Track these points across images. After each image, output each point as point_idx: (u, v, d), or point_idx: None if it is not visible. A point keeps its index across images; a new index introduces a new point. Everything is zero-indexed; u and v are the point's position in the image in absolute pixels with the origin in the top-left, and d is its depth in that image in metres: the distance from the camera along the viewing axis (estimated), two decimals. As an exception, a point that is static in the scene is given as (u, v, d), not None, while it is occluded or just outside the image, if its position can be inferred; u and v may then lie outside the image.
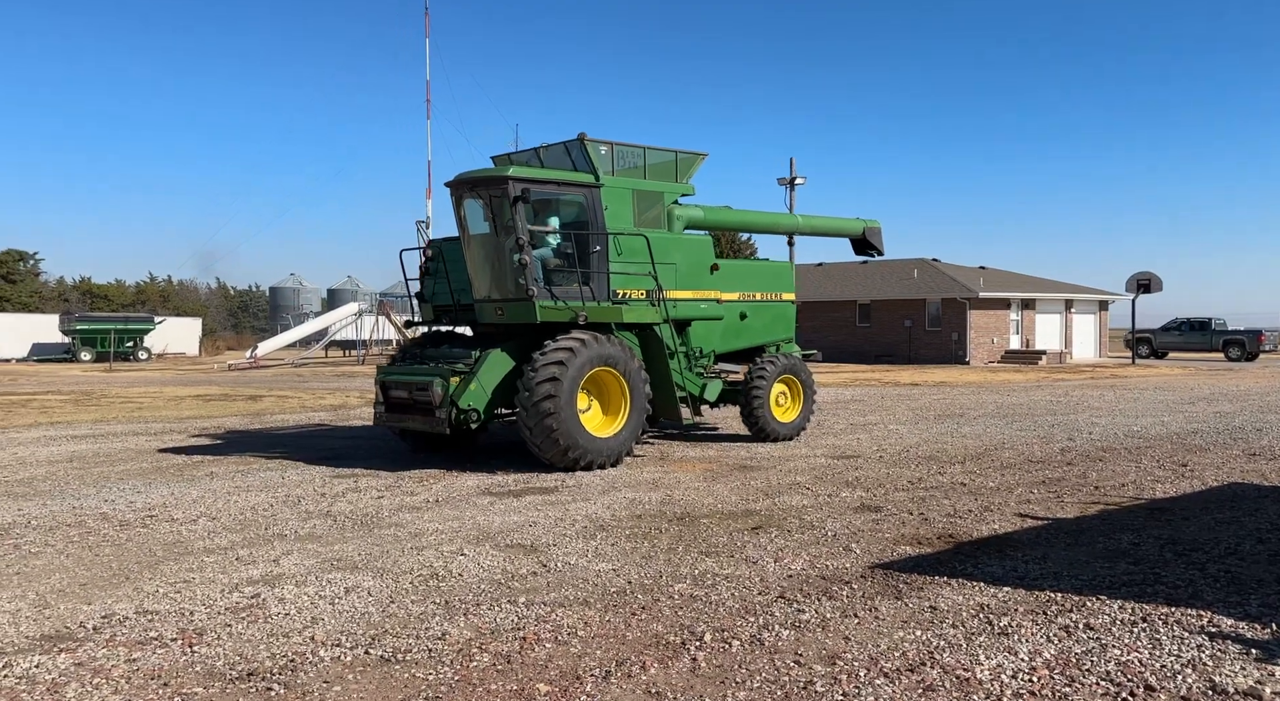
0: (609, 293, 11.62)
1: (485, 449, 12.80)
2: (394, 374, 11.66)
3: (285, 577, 6.35)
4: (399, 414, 11.46)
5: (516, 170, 11.14)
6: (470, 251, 11.87)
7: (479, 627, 5.29)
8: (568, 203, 11.66)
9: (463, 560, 6.75)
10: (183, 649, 4.98)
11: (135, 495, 9.48)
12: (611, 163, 12.14)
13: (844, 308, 45.11)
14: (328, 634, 5.20)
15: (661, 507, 8.66)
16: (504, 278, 11.40)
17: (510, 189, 10.85)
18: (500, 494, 9.46)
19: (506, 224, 11.06)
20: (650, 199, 12.48)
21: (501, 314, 11.51)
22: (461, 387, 10.67)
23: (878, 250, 16.44)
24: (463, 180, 11.52)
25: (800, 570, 6.47)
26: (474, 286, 11.93)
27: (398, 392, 11.41)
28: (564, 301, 11.12)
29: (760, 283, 13.85)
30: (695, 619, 5.41)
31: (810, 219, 15.87)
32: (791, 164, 31.99)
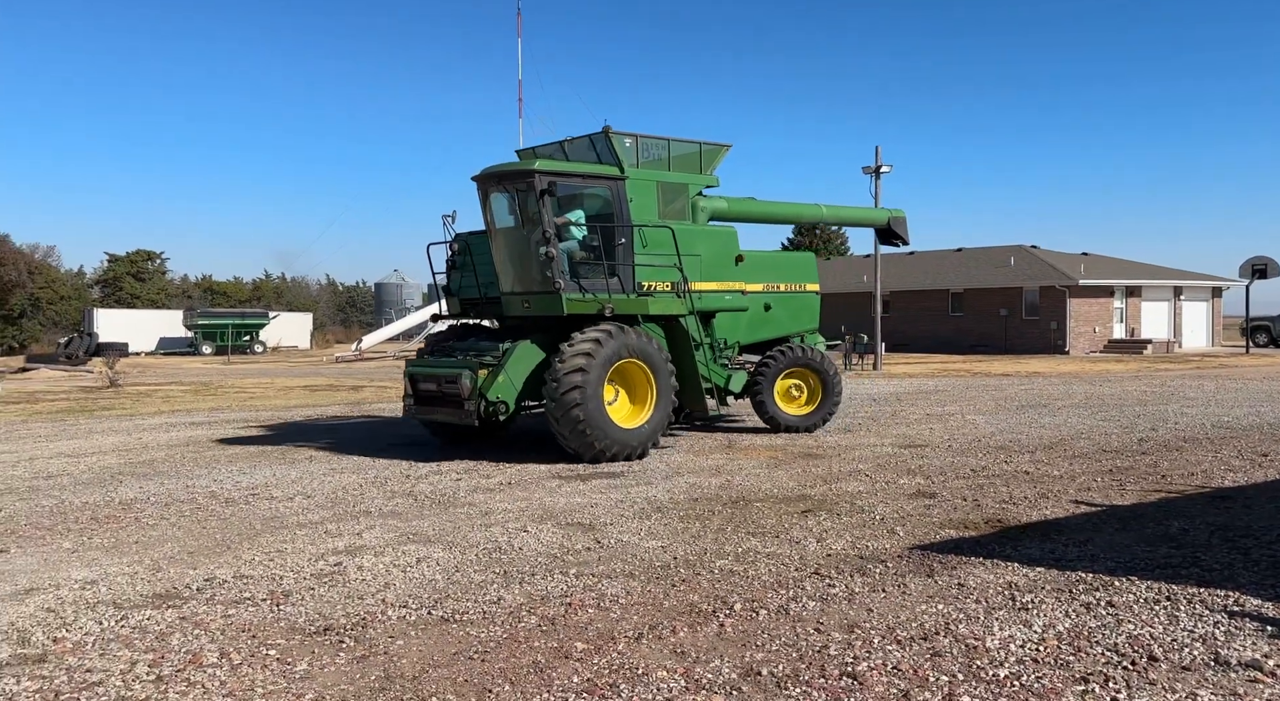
0: (634, 285, 11.68)
1: (515, 439, 13.01)
2: (422, 367, 11.78)
3: (366, 548, 7.01)
4: (428, 406, 11.61)
5: (542, 164, 11.28)
6: (497, 245, 11.94)
7: (531, 594, 5.79)
8: (593, 196, 11.77)
9: (525, 536, 7.29)
10: (271, 607, 5.65)
11: (241, 476, 10.41)
12: (636, 155, 12.14)
13: (935, 297, 44.22)
14: (397, 597, 5.79)
15: (719, 492, 9.03)
16: (530, 271, 11.50)
17: (536, 182, 10.93)
18: (569, 477, 10.00)
19: (532, 217, 11.20)
20: (674, 191, 12.49)
21: (528, 306, 11.60)
22: (490, 380, 10.79)
23: (903, 240, 16.26)
24: (489, 174, 11.62)
25: (840, 550, 6.75)
26: (500, 280, 11.99)
27: (426, 385, 11.54)
28: (592, 294, 11.24)
29: (784, 274, 13.82)
30: (730, 591, 5.78)
31: (835, 209, 15.76)
32: (877, 152, 31.63)
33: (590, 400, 10.46)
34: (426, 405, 11.65)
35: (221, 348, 50.85)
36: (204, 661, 4.74)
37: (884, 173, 31.63)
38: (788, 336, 13.90)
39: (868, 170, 31.84)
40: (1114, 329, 41.43)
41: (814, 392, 13.61)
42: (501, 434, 12.85)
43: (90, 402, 21.16)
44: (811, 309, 14.20)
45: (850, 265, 52.74)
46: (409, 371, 11.90)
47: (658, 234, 11.90)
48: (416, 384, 11.71)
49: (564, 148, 12.39)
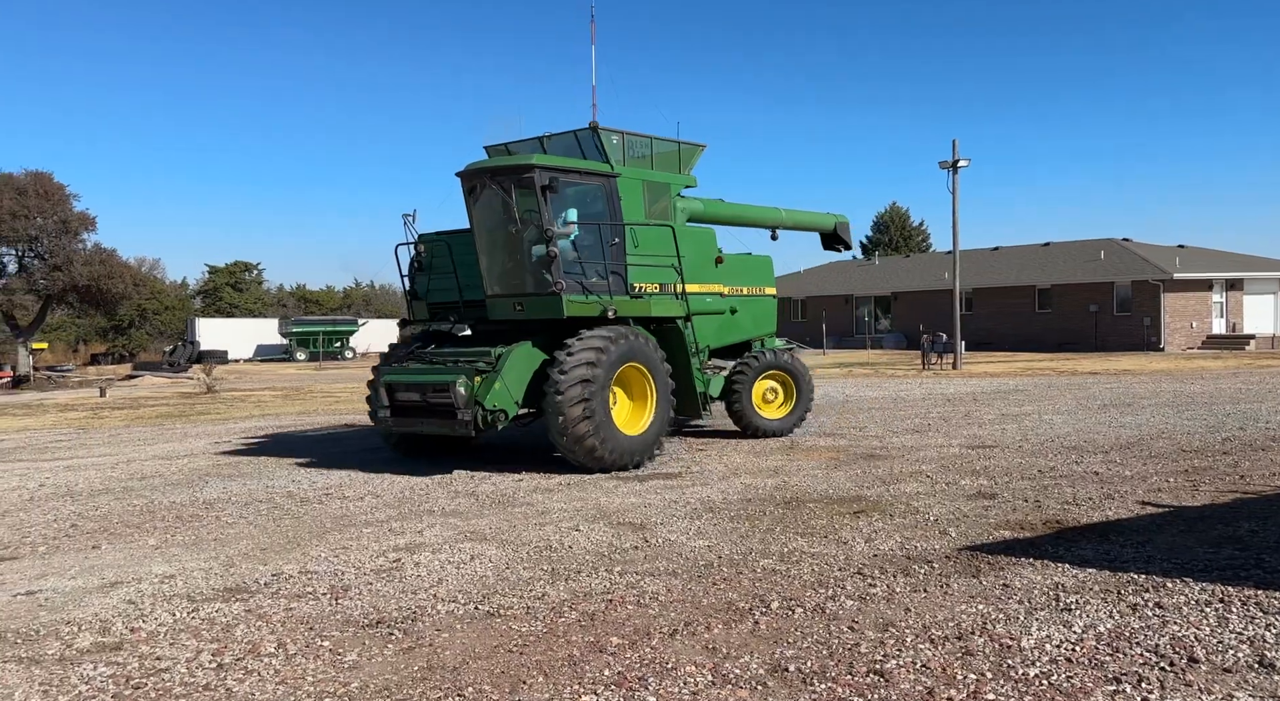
0: (627, 286, 11.26)
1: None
2: (402, 374, 10.90)
3: (424, 546, 7.30)
4: (409, 418, 10.79)
5: (541, 159, 10.74)
6: (483, 244, 11.22)
7: (574, 591, 5.95)
8: (588, 194, 11.24)
9: (576, 535, 7.47)
10: (330, 601, 5.95)
11: (318, 476, 10.90)
12: (623, 152, 11.71)
13: (1021, 293, 42.92)
14: (448, 592, 6.03)
15: (773, 493, 9.05)
16: (521, 272, 10.92)
17: (537, 178, 10.34)
18: (626, 478, 10.16)
19: (525, 215, 10.63)
20: (658, 190, 12.05)
21: (521, 310, 10.92)
22: (485, 387, 10.08)
23: (846, 245, 16.33)
24: (481, 169, 10.98)
25: (888, 550, 6.71)
26: (486, 282, 11.25)
27: (407, 395, 10.70)
28: (595, 296, 10.82)
29: (748, 277, 13.42)
30: (769, 590, 5.83)
31: (793, 213, 15.42)
32: (954, 146, 30.97)
33: (598, 409, 10.05)
34: (407, 417, 10.81)
35: (314, 354, 52.89)
36: (262, 651, 5.05)
37: (961, 166, 30.95)
38: (749, 341, 13.60)
39: (944, 165, 31.21)
40: (1213, 324, 39.53)
41: (789, 395, 13.45)
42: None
43: (188, 408, 22.36)
44: (770, 312, 13.97)
45: (930, 262, 51.60)
46: (386, 380, 10.92)
47: (647, 234, 11.57)
48: (394, 393, 10.83)
49: (543, 144, 11.79)
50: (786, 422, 13.36)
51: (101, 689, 4.56)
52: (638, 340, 10.69)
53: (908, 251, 65.95)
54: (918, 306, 44.52)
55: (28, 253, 41.66)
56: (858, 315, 49.33)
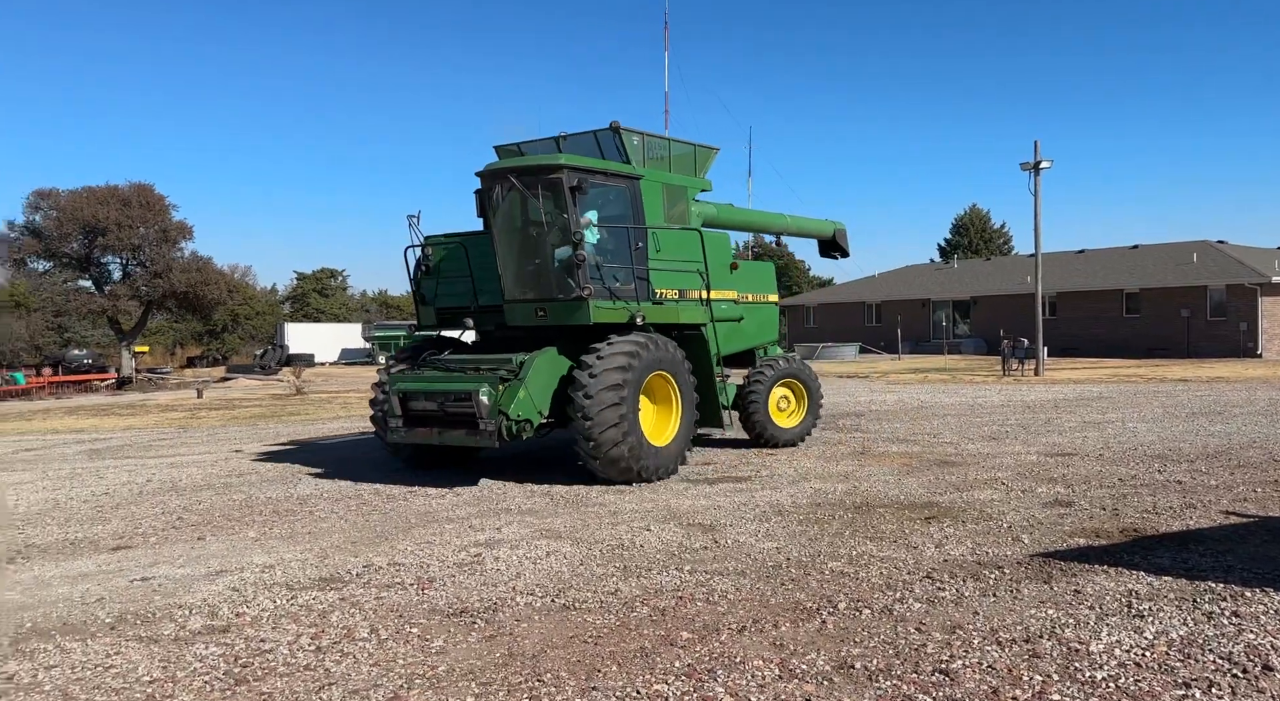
0: (650, 292, 10.92)
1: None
2: (417, 383, 10.43)
3: (503, 542, 7.61)
4: (425, 428, 10.29)
5: (569, 158, 10.31)
6: (502, 247, 10.77)
7: (646, 587, 6.17)
8: (612, 196, 10.88)
9: (647, 534, 7.69)
10: (417, 591, 6.29)
11: (402, 474, 11.36)
12: (643, 154, 11.32)
13: (1107, 297, 41.56)
14: (526, 585, 6.32)
15: (844, 497, 9.11)
16: (543, 276, 10.53)
17: (566, 178, 9.97)
18: (696, 481, 10.34)
19: (548, 217, 10.26)
20: (677, 194, 11.71)
21: (544, 315, 10.45)
22: (509, 396, 9.72)
23: (843, 252, 16.02)
24: (505, 168, 10.51)
25: (958, 555, 6.75)
26: (505, 285, 10.77)
27: (423, 404, 10.25)
28: (623, 301, 10.46)
29: (752, 283, 12.99)
30: (837, 591, 5.95)
31: (796, 219, 15.17)
32: (1036, 147, 30.28)
33: (630, 420, 9.72)
34: (422, 426, 10.33)
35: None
36: (356, 636, 5.40)
37: (1044, 168, 30.24)
38: (753, 349, 13.27)
39: (1026, 166, 30.54)
40: (1318, 329, 37.60)
41: (800, 403, 13.23)
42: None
43: (279, 408, 23.37)
44: (773, 320, 13.61)
45: (1012, 265, 50.36)
46: (399, 388, 10.43)
47: (668, 237, 11.22)
48: (408, 402, 10.37)
49: (559, 144, 11.28)
50: (799, 431, 13.14)
51: (213, 666, 4.95)
52: (666, 347, 10.42)
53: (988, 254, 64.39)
54: (998, 311, 43.49)
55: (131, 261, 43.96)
56: (935, 319, 48.42)
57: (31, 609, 6.11)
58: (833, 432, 14.56)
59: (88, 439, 17.82)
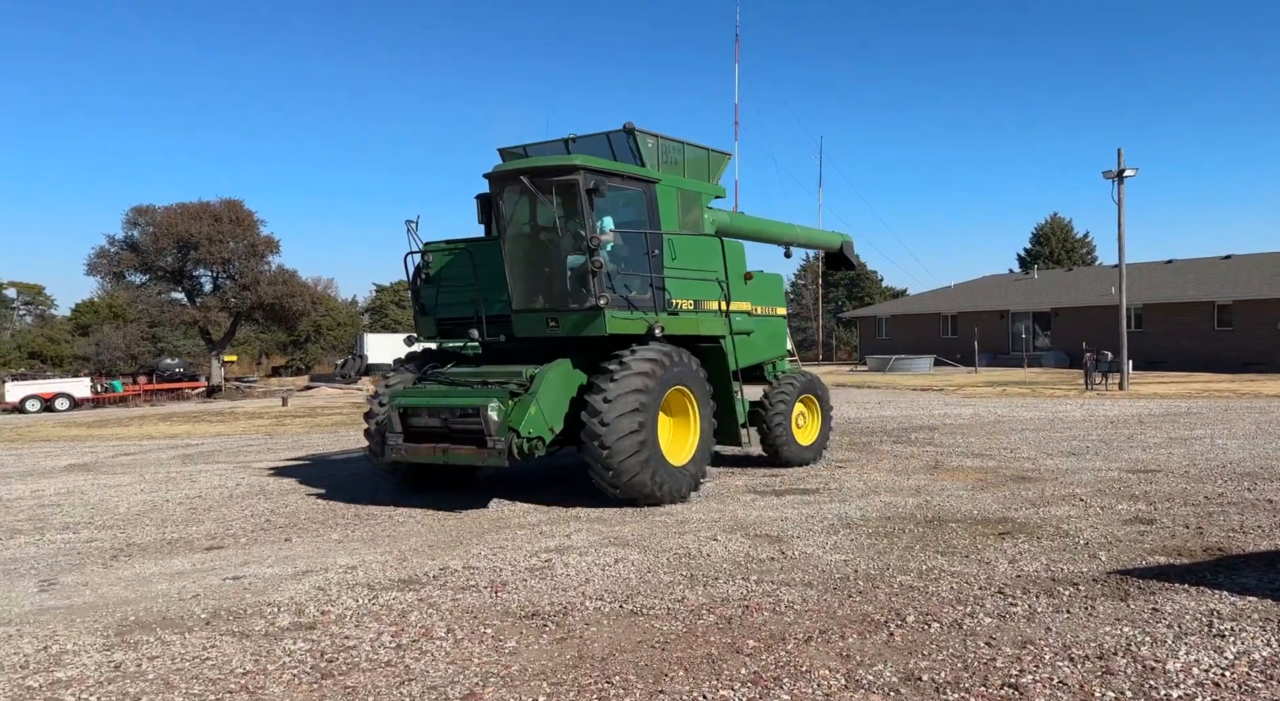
0: (666, 302, 10.34)
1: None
2: (419, 397, 9.84)
3: (572, 548, 7.78)
4: (430, 445, 9.64)
5: (585, 160, 9.65)
6: (511, 254, 10.13)
7: (712, 596, 6.25)
8: (627, 200, 10.27)
9: (714, 544, 7.77)
10: (490, 594, 6.50)
11: (475, 481, 11.65)
12: (657, 157, 10.76)
13: (1198, 310, 39.94)
14: (595, 591, 6.46)
15: (914, 511, 9.03)
16: (555, 284, 9.88)
17: (582, 181, 9.36)
18: (764, 492, 10.36)
19: (563, 222, 9.70)
20: (691, 200, 11.13)
21: (555, 326, 9.78)
22: (520, 411, 9.13)
23: (851, 265, 15.65)
24: (518, 170, 9.77)
25: (1032, 571, 6.65)
26: (513, 294, 10.11)
27: (426, 420, 9.68)
28: (639, 311, 9.89)
29: (761, 296, 12.38)
30: (905, 604, 5.93)
31: (806, 230, 14.73)
32: (1119, 155, 29.38)
33: (650, 439, 9.18)
34: (425, 442, 9.70)
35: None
36: (434, 635, 5.62)
37: (1128, 176, 29.33)
38: (762, 363, 12.63)
39: (1109, 175, 29.68)
40: None
41: (813, 420, 12.80)
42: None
43: (359, 416, 24.10)
44: (781, 333, 13.05)
45: (1094, 276, 48.82)
46: (400, 403, 9.84)
47: (683, 245, 10.65)
48: (409, 418, 9.79)
49: (568, 146, 10.69)
50: (816, 449, 12.69)
51: (301, 661, 5.22)
52: (686, 361, 9.88)
53: (1069, 265, 62.50)
54: (1080, 323, 42.18)
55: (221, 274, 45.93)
56: (1014, 331, 47.20)
57: (134, 603, 6.51)
58: (905, 446, 14.39)
59: (180, 444, 18.72)
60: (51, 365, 51.46)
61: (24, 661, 5.32)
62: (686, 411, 10.02)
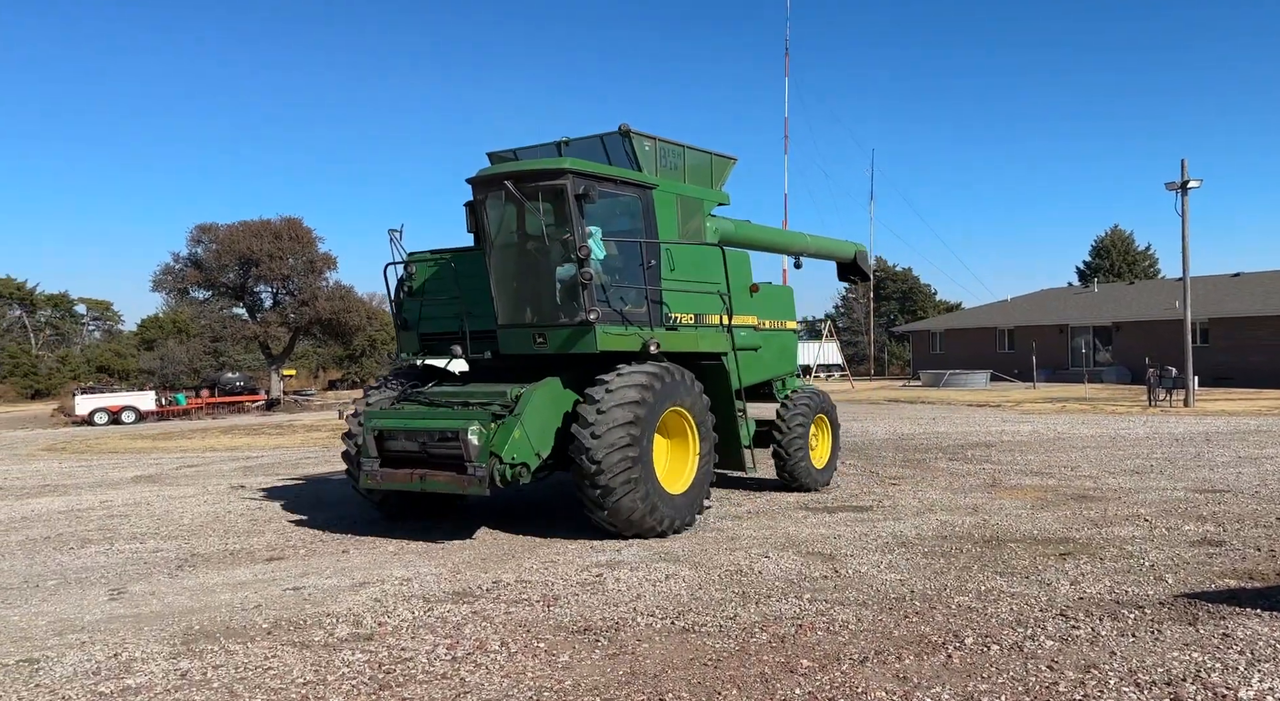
0: (663, 316, 9.66)
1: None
2: (396, 419, 9.23)
3: (623, 563, 7.80)
4: (407, 470, 9.00)
5: (575, 162, 8.94)
6: (496, 264, 9.44)
7: (765, 614, 6.21)
8: (621, 206, 9.60)
9: (765, 561, 7.72)
10: (543, 608, 6.54)
11: (526, 493, 11.75)
12: (655, 161, 10.08)
13: (1268, 324, 38.56)
14: (646, 606, 6.46)
15: (972, 530, 8.87)
16: (543, 297, 9.19)
17: (570, 186, 8.67)
18: (815, 509, 10.26)
19: (551, 230, 8.93)
20: (692, 207, 10.44)
21: (543, 342, 9.08)
22: (503, 435, 8.42)
23: (864, 276, 15.12)
24: (501, 174, 9.04)
25: (1095, 593, 6.48)
26: (498, 308, 9.42)
27: (403, 443, 9.09)
28: (636, 326, 9.21)
29: (770, 309, 11.79)
30: (964, 626, 5.83)
31: (817, 239, 14.07)
32: (1183, 166, 28.62)
33: (644, 465, 8.51)
34: (402, 468, 9.08)
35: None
36: (488, 648, 5.67)
37: (1192, 187, 28.56)
38: (771, 380, 12.05)
39: (1172, 186, 28.93)
40: None
41: (823, 441, 12.14)
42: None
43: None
44: (791, 349, 12.47)
45: (1157, 289, 47.54)
46: (375, 425, 9.22)
47: (683, 255, 9.96)
48: (385, 442, 9.20)
49: (560, 149, 9.92)
50: (828, 472, 12.08)
51: (359, 672, 5.31)
52: (683, 380, 9.18)
53: (1131, 278, 60.93)
54: (1143, 337, 41.07)
55: (281, 290, 47.05)
56: (1073, 346, 46.11)
57: (199, 613, 6.69)
58: (960, 463, 14.14)
59: (241, 457, 19.19)
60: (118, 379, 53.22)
61: (96, 668, 5.50)
62: (685, 434, 9.33)
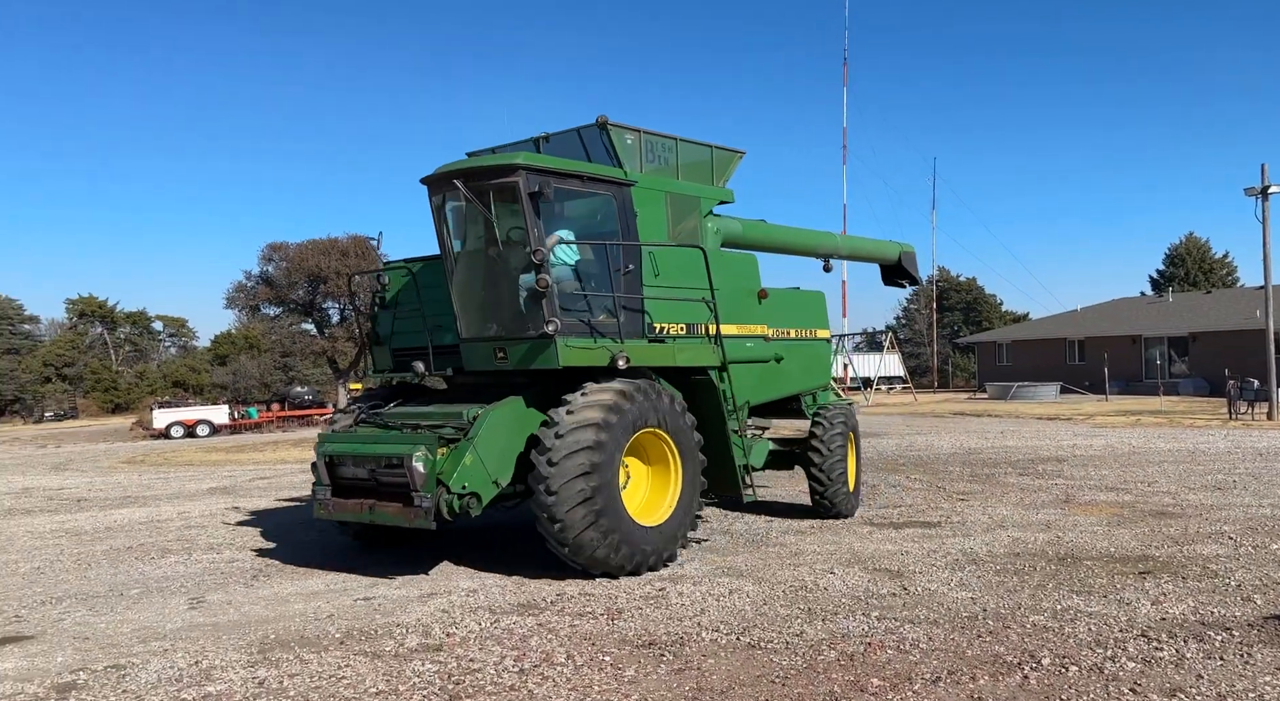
0: (644, 326, 8.75)
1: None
2: (347, 443, 8.52)
3: (686, 578, 7.77)
4: (356, 500, 8.30)
5: (529, 157, 8.15)
6: (455, 273, 8.70)
7: (832, 631, 6.12)
8: (595, 206, 8.89)
9: (831, 577, 7.61)
10: (607, 621, 6.55)
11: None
12: (639, 156, 9.19)
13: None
14: (710, 621, 6.43)
15: (1045, 547, 8.63)
16: (505, 308, 8.40)
17: (524, 183, 7.88)
18: (881, 524, 10.09)
19: (508, 234, 8.22)
20: (685, 205, 9.54)
21: (503, 358, 8.34)
22: (453, 462, 7.64)
23: (913, 279, 13.90)
24: (451, 174, 8.32)
25: (1178, 614, 6.25)
26: (460, 321, 8.71)
27: (353, 470, 8.40)
28: (602, 339, 8.25)
29: (796, 316, 10.91)
30: (1040, 646, 5.67)
31: (850, 240, 13.05)
32: (1263, 171, 27.60)
33: (605, 493, 7.62)
34: (351, 497, 8.39)
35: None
36: (554, 660, 5.70)
37: (1273, 193, 27.51)
38: (798, 394, 11.09)
39: (1252, 192, 27.92)
40: None
41: (853, 461, 11.11)
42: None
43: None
44: (824, 359, 11.52)
45: (1236, 298, 45.79)
46: (326, 450, 8.60)
47: (671, 258, 8.98)
48: (335, 469, 8.56)
49: (539, 145, 9.33)
50: (859, 495, 11.17)
51: (429, 682, 5.39)
52: (659, 398, 8.26)
53: (1208, 287, 58.79)
54: (1221, 348, 39.56)
55: (348, 306, 48.17)
56: (1147, 357, 44.62)
57: (274, 622, 6.86)
58: (1031, 478, 13.78)
59: (311, 469, 19.62)
60: (193, 393, 55.04)
61: (178, 675, 5.68)
62: (665, 457, 8.45)
